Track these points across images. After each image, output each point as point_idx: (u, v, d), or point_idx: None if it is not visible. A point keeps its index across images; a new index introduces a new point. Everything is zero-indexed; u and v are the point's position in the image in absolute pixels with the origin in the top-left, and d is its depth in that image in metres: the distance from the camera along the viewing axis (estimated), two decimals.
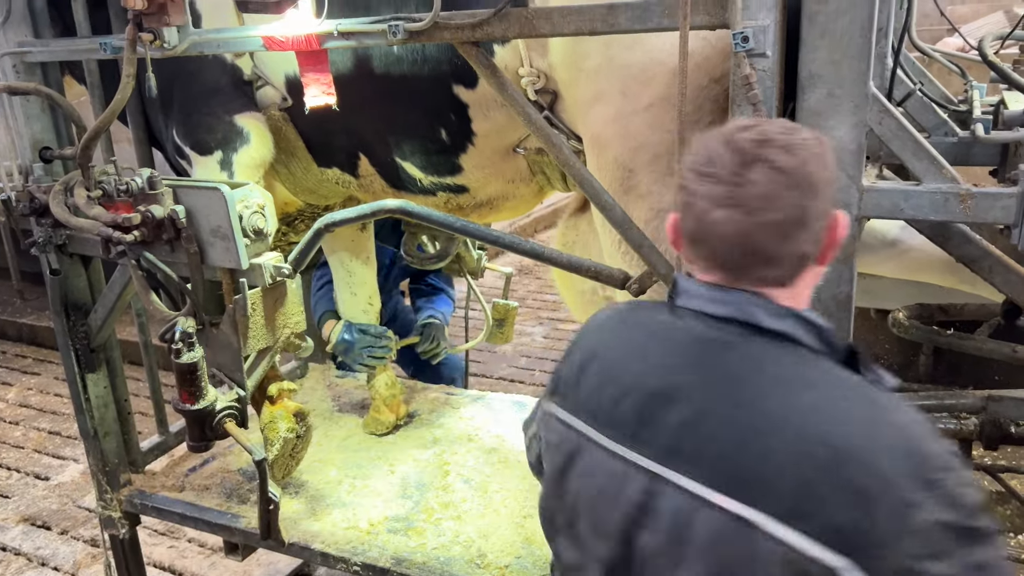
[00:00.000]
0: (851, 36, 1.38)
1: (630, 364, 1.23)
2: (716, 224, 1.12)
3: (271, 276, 2.07)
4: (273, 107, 2.36)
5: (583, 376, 1.28)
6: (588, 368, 1.28)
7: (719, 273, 1.18)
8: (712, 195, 1.12)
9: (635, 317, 1.33)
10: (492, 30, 1.67)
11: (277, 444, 2.28)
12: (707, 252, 1.17)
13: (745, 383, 1.11)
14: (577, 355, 1.33)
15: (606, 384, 1.23)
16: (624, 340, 1.29)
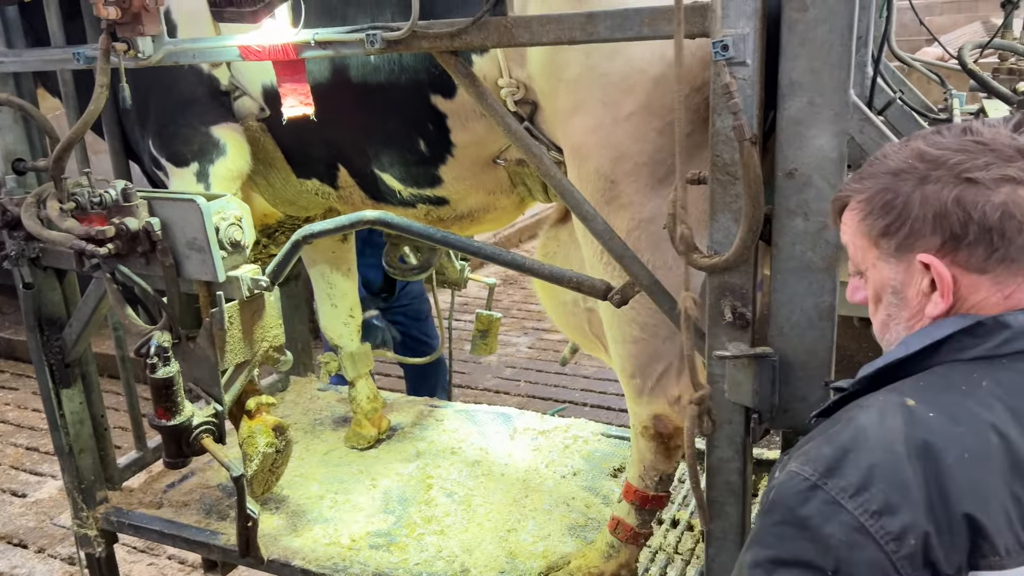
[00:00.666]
0: (831, 44, 1.37)
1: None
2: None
3: (249, 289, 2.03)
4: (251, 118, 2.33)
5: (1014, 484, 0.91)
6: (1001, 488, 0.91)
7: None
8: (1008, 175, 0.96)
9: (979, 411, 0.96)
10: (471, 39, 1.65)
11: (256, 459, 2.24)
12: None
13: None
14: (972, 468, 0.92)
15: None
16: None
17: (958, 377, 0.99)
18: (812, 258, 1.49)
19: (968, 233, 0.99)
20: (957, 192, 0.99)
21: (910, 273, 1.05)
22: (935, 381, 1.01)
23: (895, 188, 1.04)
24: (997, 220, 0.97)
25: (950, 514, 0.89)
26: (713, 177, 1.52)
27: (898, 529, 0.88)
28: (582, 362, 5.78)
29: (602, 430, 3.06)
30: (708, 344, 1.61)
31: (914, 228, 1.02)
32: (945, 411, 0.95)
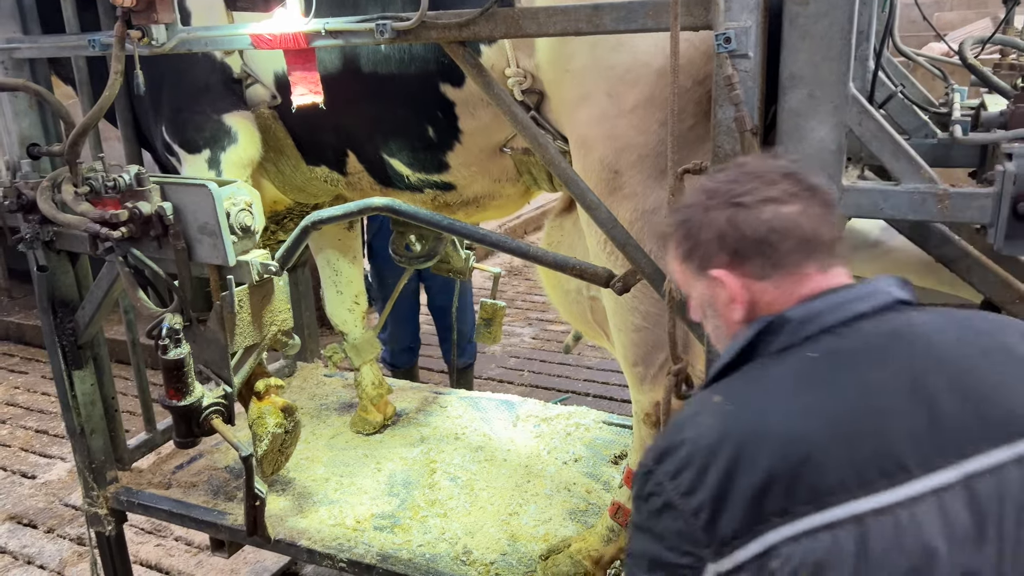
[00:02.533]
0: (831, 38, 1.40)
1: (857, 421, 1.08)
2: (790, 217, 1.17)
3: (258, 273, 2.07)
4: (263, 105, 2.37)
5: (796, 449, 1.06)
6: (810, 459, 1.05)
7: (816, 267, 1.19)
8: (770, 196, 1.18)
9: (767, 392, 1.14)
10: (479, 30, 1.68)
11: (265, 440, 2.29)
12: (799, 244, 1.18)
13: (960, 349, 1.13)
14: (762, 442, 1.08)
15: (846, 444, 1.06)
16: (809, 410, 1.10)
17: (757, 372, 1.18)
18: None
19: (744, 248, 1.19)
20: (729, 214, 1.19)
21: (713, 288, 1.24)
22: (739, 377, 1.19)
23: (689, 218, 1.25)
24: (764, 234, 1.17)
25: (738, 488, 1.06)
26: (714, 167, 1.54)
27: (696, 505, 1.07)
28: (585, 352, 5.81)
29: (603, 418, 3.10)
30: None
31: (706, 250, 1.22)
32: (741, 402, 1.14)
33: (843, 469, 1.03)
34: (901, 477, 1.03)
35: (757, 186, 1.20)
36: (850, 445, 1.05)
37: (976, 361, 1.12)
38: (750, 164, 1.25)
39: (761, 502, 1.04)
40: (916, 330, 1.16)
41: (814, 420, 1.08)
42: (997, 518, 1.03)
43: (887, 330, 1.15)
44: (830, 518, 1.02)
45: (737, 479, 1.06)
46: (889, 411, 1.07)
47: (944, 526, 1.01)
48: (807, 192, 1.19)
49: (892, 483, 1.03)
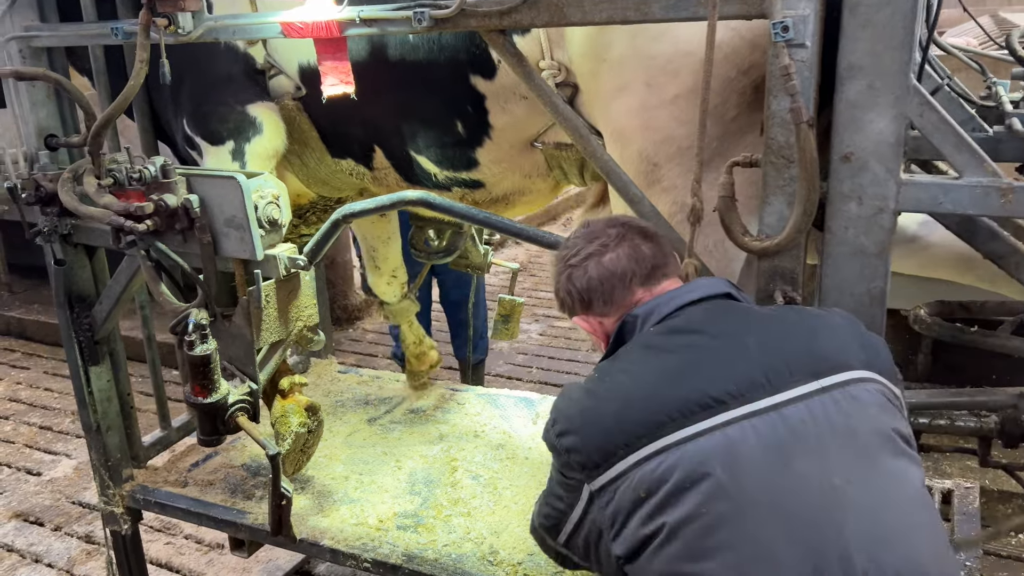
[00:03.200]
0: (893, 27, 1.36)
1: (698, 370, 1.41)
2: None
3: (285, 268, 2.03)
4: (287, 97, 2.32)
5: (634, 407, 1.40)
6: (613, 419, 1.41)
7: (640, 288, 1.58)
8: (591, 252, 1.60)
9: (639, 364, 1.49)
10: (520, 18, 1.64)
11: (289, 439, 2.24)
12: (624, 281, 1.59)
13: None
14: (609, 402, 1.43)
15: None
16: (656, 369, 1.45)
17: (618, 353, 1.54)
18: (865, 243, 1.48)
19: (583, 297, 1.60)
20: (566, 275, 1.61)
21: (583, 327, 1.66)
22: (607, 359, 1.56)
23: (555, 280, 1.66)
24: (592, 285, 1.58)
25: (596, 431, 1.39)
26: (767, 160, 1.51)
27: (566, 446, 1.43)
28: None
29: None
30: None
31: (564, 303, 1.65)
32: (602, 370, 1.51)
33: (670, 406, 1.34)
34: (718, 409, 1.32)
35: (583, 245, 1.60)
36: (676, 388, 1.36)
37: (784, 323, 1.44)
38: (589, 225, 1.64)
39: (612, 441, 1.36)
40: (736, 306, 1.52)
41: (648, 374, 1.42)
42: (807, 433, 1.30)
43: (710, 308, 1.50)
44: (659, 445, 1.32)
45: (595, 425, 1.39)
46: (708, 361, 1.39)
47: (757, 439, 1.29)
48: (626, 235, 1.58)
49: (711, 413, 1.32)
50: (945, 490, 2.61)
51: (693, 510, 1.27)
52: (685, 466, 1.29)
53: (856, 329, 1.45)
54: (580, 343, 5.93)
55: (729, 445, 1.30)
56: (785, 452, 1.29)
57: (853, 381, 1.36)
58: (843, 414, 1.33)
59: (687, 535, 1.27)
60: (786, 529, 1.25)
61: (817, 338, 1.41)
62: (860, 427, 1.33)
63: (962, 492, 2.59)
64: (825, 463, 1.28)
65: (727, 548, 1.25)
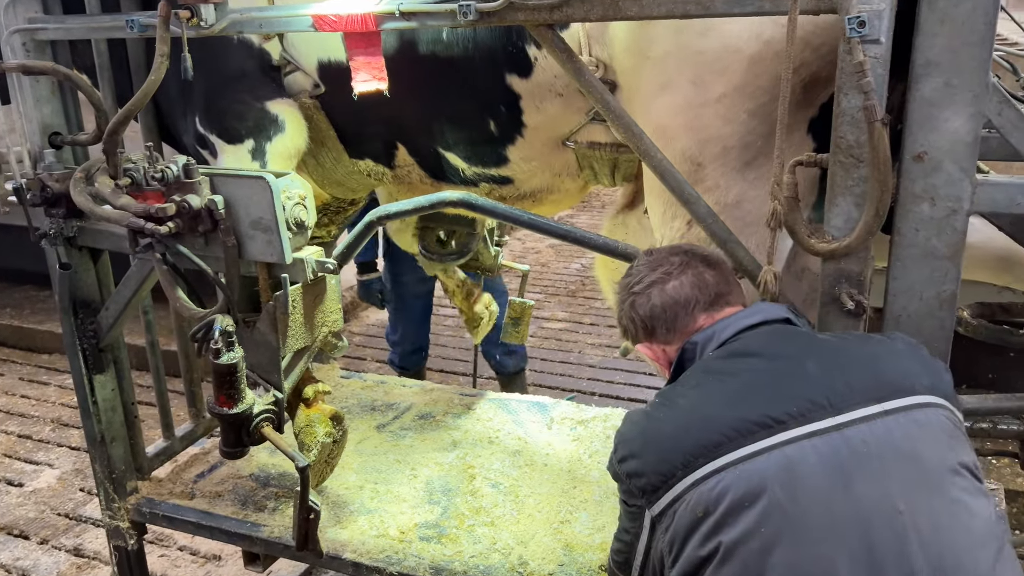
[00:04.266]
0: (973, 23, 1.32)
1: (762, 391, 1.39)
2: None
3: (313, 272, 1.95)
4: (304, 94, 2.23)
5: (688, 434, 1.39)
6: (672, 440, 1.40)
7: (702, 315, 1.59)
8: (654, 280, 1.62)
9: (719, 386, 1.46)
10: (573, 12, 1.58)
11: (315, 449, 2.16)
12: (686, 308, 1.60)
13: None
14: (668, 424, 1.44)
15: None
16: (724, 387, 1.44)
17: (680, 379, 1.54)
18: (936, 245, 1.45)
19: (647, 325, 1.62)
20: (630, 302, 1.63)
21: (649, 352, 1.68)
22: (668, 385, 1.57)
23: (618, 307, 1.69)
24: (652, 314, 1.60)
25: (654, 455, 1.40)
26: (835, 160, 1.47)
27: (627, 471, 1.44)
28: (586, 351, 5.74)
29: None
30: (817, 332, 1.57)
31: (628, 330, 1.68)
32: (663, 396, 1.51)
33: (728, 426, 1.33)
34: (776, 428, 1.31)
35: (646, 273, 1.61)
36: (735, 409, 1.35)
37: (845, 347, 1.43)
38: (652, 253, 1.67)
39: (670, 461, 1.36)
40: (795, 331, 1.51)
41: (706, 396, 1.42)
42: (869, 455, 1.28)
43: (769, 332, 1.50)
44: (716, 465, 1.31)
45: (654, 447, 1.40)
46: (767, 383, 1.38)
47: (817, 459, 1.27)
48: (690, 262, 1.59)
49: (769, 432, 1.31)
50: None
51: (750, 529, 1.25)
52: (742, 485, 1.28)
53: (919, 354, 1.44)
54: (571, 345, 5.88)
55: (787, 464, 1.28)
56: (846, 473, 1.26)
57: (917, 406, 1.34)
58: (908, 438, 1.30)
59: (744, 554, 1.25)
60: (847, 551, 1.22)
61: (879, 362, 1.39)
62: (925, 453, 1.30)
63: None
64: (888, 487, 1.26)
65: (784, 568, 1.23)
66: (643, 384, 5.27)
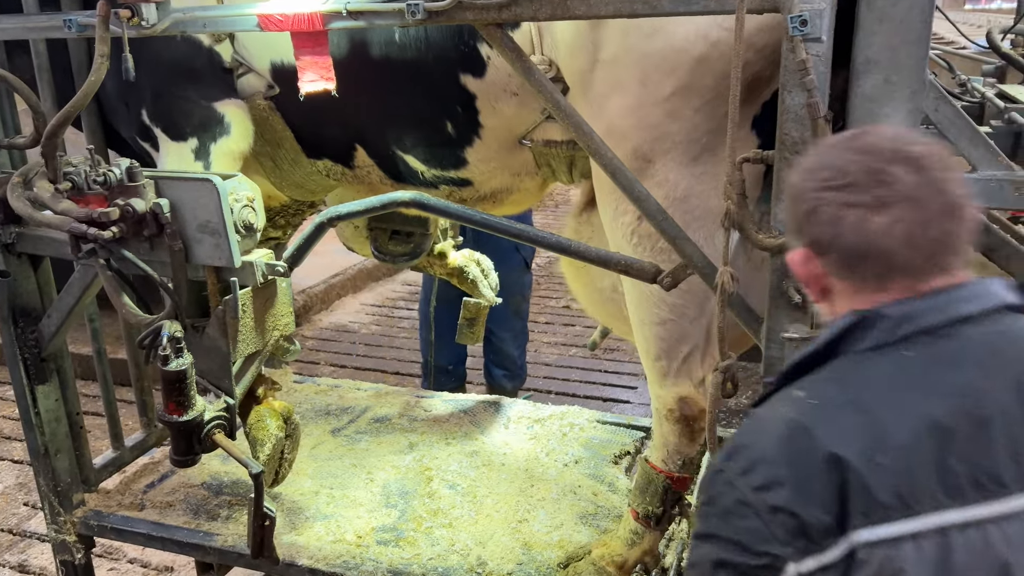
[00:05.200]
0: (911, 21, 1.36)
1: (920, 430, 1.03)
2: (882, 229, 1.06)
3: (263, 274, 1.92)
4: (258, 96, 2.19)
5: (884, 466, 1.01)
6: (881, 454, 1.02)
7: (901, 281, 1.09)
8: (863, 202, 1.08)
9: (868, 389, 1.08)
10: (521, 11, 1.58)
11: (269, 444, 2.12)
12: (882, 263, 1.09)
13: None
14: (849, 443, 1.03)
15: (934, 459, 1.01)
16: (899, 412, 1.04)
17: (846, 369, 1.11)
18: None
19: (851, 255, 1.11)
20: (838, 211, 1.11)
21: (803, 271, 1.19)
22: (825, 373, 1.13)
23: (809, 198, 1.15)
24: (870, 247, 1.08)
25: (823, 487, 1.01)
26: (780, 156, 1.49)
27: (774, 503, 1.03)
28: (541, 350, 5.75)
29: (597, 416, 3.04)
30: (767, 326, 1.59)
31: (810, 236, 1.15)
32: (827, 398, 1.09)
33: (933, 477, 1.00)
34: (996, 492, 1.00)
35: (870, 182, 1.08)
36: (942, 452, 1.01)
37: None
38: (871, 141, 1.12)
39: (846, 503, 1.00)
40: (1017, 338, 1.10)
41: (906, 423, 1.03)
42: None
43: (992, 335, 1.09)
44: (916, 527, 0.99)
45: (822, 477, 1.01)
46: (989, 421, 1.03)
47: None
48: (924, 184, 1.07)
49: (985, 497, 1.00)
50: None
51: None
52: (953, 565, 0.98)
53: None
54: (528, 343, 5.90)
55: (1005, 548, 0.99)
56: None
57: None
58: None
59: None
60: None
61: None
62: None
63: None
64: None
65: None
66: (599, 382, 5.31)
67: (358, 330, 6.24)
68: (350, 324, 6.34)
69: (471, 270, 3.00)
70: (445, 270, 3.00)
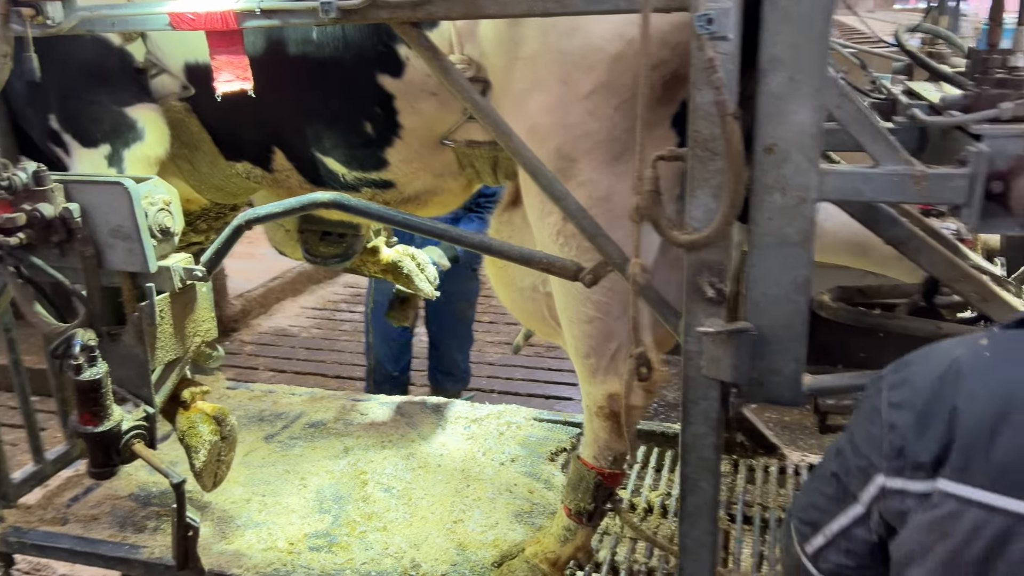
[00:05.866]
0: (812, 19, 1.38)
1: None
2: None
3: (181, 280, 1.88)
4: (172, 97, 2.14)
5: (998, 438, 1.04)
6: (1003, 428, 1.04)
7: None
8: None
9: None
10: (435, 10, 1.57)
11: (203, 449, 2.07)
12: None
13: None
14: (979, 403, 1.06)
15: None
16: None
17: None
18: (789, 232, 1.51)
19: None
20: None
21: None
22: (1017, 335, 1.15)
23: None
24: None
25: (941, 428, 1.08)
26: (692, 153, 1.51)
27: (894, 421, 1.11)
28: (485, 349, 5.75)
29: (534, 415, 3.05)
30: (685, 321, 1.61)
31: None
32: (995, 355, 1.11)
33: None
34: None
35: None
36: None
37: None
38: None
39: (948, 454, 1.06)
40: None
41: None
42: None
43: None
44: (996, 502, 1.02)
45: (941, 424, 1.07)
46: None
47: None
48: None
49: None
50: None
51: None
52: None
53: None
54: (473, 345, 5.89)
55: None
56: None
57: None
58: None
59: None
60: None
61: None
62: None
63: None
64: None
65: None
66: (542, 379, 5.33)
67: (298, 334, 6.15)
68: (290, 328, 6.25)
69: (405, 264, 2.96)
70: (379, 267, 2.96)
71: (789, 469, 2.74)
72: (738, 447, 2.83)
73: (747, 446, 2.83)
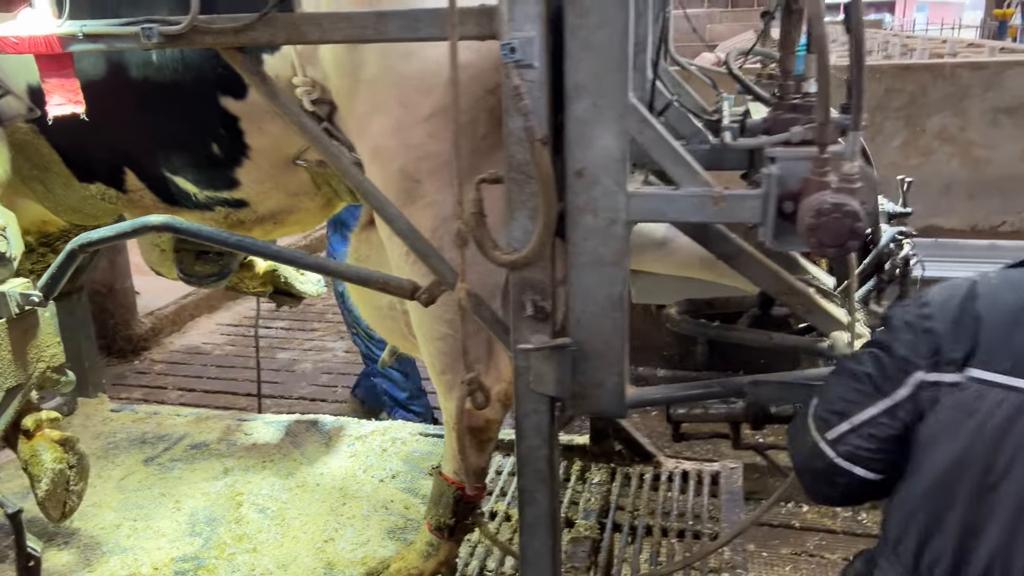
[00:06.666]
0: (610, 48, 1.44)
1: None
2: None
3: (18, 305, 1.85)
4: (19, 119, 2.11)
5: (1015, 335, 1.31)
6: (1018, 327, 1.31)
7: None
8: None
9: None
10: (257, 35, 1.59)
11: (45, 479, 2.03)
12: None
13: None
14: (996, 313, 1.33)
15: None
16: None
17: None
18: (603, 252, 1.56)
19: None
20: None
21: None
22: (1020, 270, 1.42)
23: None
24: None
25: (962, 331, 1.34)
26: (509, 177, 1.55)
27: (927, 327, 1.36)
28: None
29: (420, 429, 3.07)
30: (512, 338, 1.65)
31: None
32: (1002, 281, 1.39)
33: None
34: None
35: None
36: None
37: None
38: None
39: (976, 350, 1.32)
40: None
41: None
42: None
43: None
44: (1016, 383, 1.29)
45: (968, 327, 1.34)
46: None
47: None
48: None
49: None
50: (714, 472, 2.83)
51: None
52: None
53: None
54: None
55: None
56: None
57: None
58: None
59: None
60: None
61: None
62: None
63: (727, 472, 2.81)
64: None
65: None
66: None
67: (211, 352, 6.05)
68: (203, 346, 6.14)
69: (281, 270, 2.95)
70: (257, 281, 2.94)
71: (663, 476, 2.81)
72: (616, 455, 2.89)
73: (624, 454, 2.89)
